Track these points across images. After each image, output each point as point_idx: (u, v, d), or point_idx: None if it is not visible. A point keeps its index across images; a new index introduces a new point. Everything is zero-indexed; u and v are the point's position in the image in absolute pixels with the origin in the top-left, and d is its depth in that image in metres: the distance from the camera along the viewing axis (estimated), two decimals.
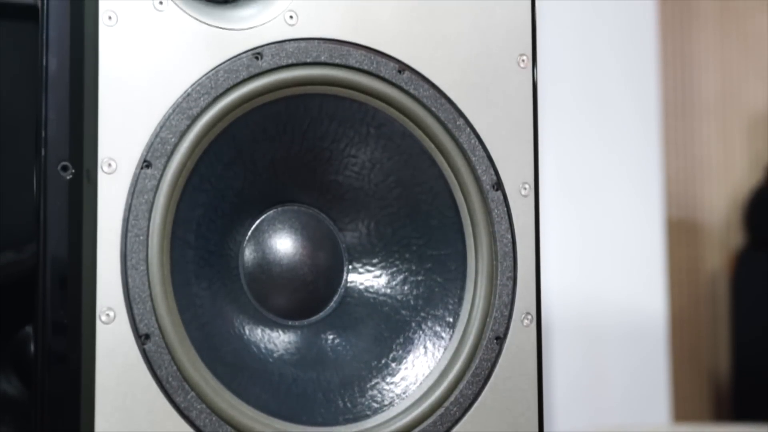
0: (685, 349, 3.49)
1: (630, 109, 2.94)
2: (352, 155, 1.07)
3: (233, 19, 0.99)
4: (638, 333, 2.91)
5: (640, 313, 2.92)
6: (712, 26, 3.71)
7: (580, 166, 2.83)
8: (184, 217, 0.97)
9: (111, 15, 0.93)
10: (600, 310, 2.83)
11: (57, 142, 0.90)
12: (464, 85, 1.08)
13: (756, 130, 3.77)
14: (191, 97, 0.95)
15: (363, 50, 1.03)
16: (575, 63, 2.83)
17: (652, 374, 2.95)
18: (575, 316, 2.79)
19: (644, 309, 2.93)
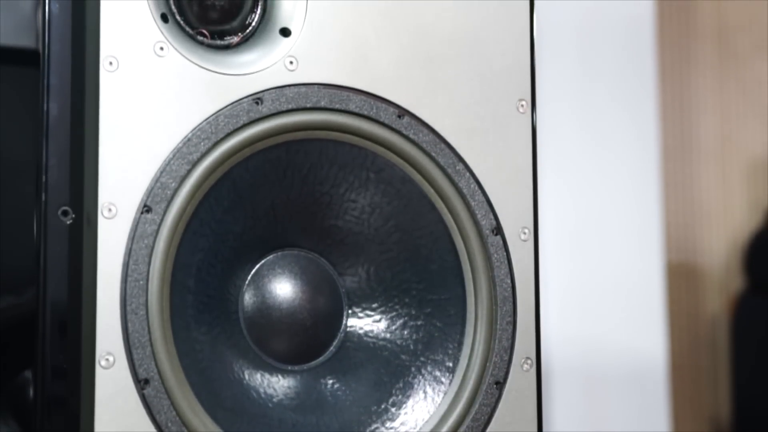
0: (686, 393, 3.48)
1: (629, 153, 2.94)
2: (352, 200, 1.07)
3: (234, 65, 0.99)
4: (638, 377, 2.90)
5: (640, 357, 2.91)
6: (710, 71, 3.72)
7: (580, 210, 2.83)
8: (184, 262, 0.97)
9: (112, 60, 0.93)
10: (600, 354, 2.82)
11: (57, 187, 0.91)
12: (464, 130, 1.08)
13: (755, 174, 3.78)
14: (191, 142, 0.95)
15: (363, 95, 1.04)
16: (575, 107, 2.84)
17: (653, 418, 2.94)
18: (575, 361, 2.78)
19: (644, 353, 2.92)
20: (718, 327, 3.61)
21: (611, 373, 2.85)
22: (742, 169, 3.78)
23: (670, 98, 3.56)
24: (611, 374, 2.85)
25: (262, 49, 1.01)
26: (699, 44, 3.70)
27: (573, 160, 2.81)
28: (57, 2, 0.92)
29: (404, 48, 1.06)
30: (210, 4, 1.00)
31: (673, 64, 3.59)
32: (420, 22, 1.07)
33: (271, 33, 1.02)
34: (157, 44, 0.95)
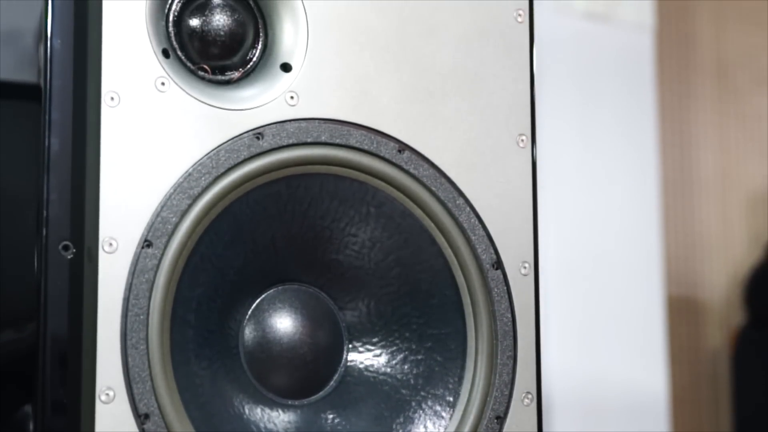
0: (687, 428, 3.47)
1: (630, 187, 2.94)
2: (353, 234, 1.07)
3: (235, 100, 0.99)
4: (639, 411, 2.89)
5: (641, 391, 2.90)
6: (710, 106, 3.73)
7: (580, 245, 2.83)
8: (184, 297, 0.97)
9: (113, 96, 0.93)
10: (601, 389, 2.81)
11: (58, 222, 0.91)
12: (464, 165, 1.08)
13: (755, 208, 3.78)
14: (192, 176, 0.96)
15: (363, 130, 1.04)
16: (575, 142, 2.84)
17: None
18: (576, 395, 2.77)
19: (645, 387, 2.91)
20: (718, 360, 3.60)
21: (612, 407, 2.84)
22: (742, 203, 3.79)
23: (670, 132, 3.57)
24: (612, 408, 2.84)
25: (263, 84, 1.02)
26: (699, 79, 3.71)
27: (573, 194, 2.82)
28: (59, 38, 0.92)
29: (404, 83, 1.07)
30: (211, 39, 1.01)
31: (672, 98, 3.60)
32: (420, 57, 1.07)
33: (272, 68, 1.03)
34: (158, 79, 0.95)
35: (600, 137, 2.89)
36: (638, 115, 2.98)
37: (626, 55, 2.96)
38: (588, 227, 2.84)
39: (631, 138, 2.96)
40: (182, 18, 1.00)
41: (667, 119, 3.54)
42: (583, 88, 2.86)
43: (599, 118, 2.89)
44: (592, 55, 2.87)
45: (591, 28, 2.87)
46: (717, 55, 3.79)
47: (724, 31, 3.82)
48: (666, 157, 3.49)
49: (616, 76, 2.94)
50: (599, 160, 2.88)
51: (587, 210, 2.85)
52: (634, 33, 2.99)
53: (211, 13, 1.01)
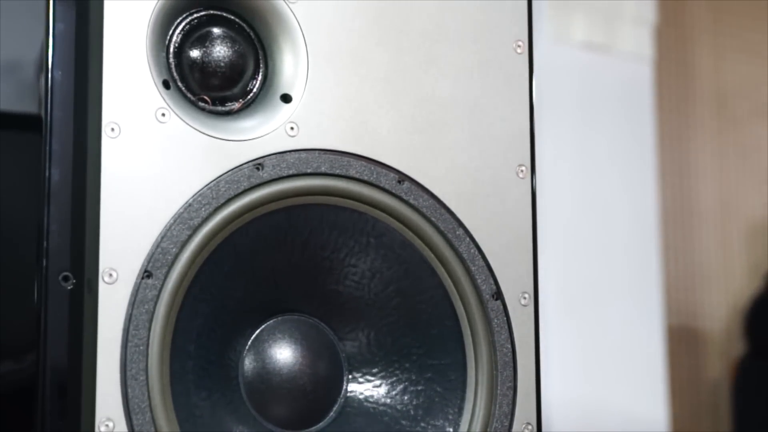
0: None
1: (629, 218, 2.95)
2: (353, 265, 1.07)
3: (235, 131, 0.99)
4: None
5: (641, 421, 2.89)
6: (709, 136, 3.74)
7: (580, 275, 2.82)
8: (184, 327, 0.97)
9: (114, 127, 0.94)
10: (601, 419, 2.81)
11: (58, 253, 0.91)
12: (464, 196, 1.09)
13: (755, 237, 3.78)
14: (192, 207, 0.96)
15: (363, 161, 1.04)
16: (575, 171, 2.85)
17: None
18: (576, 426, 2.76)
19: (645, 418, 2.90)
20: (719, 391, 3.59)
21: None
22: (742, 233, 3.79)
23: (670, 162, 3.58)
24: None
25: (263, 115, 1.02)
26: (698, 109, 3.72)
27: (573, 224, 2.82)
28: (60, 69, 0.93)
29: (404, 114, 1.07)
30: (212, 70, 1.01)
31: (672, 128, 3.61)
32: (420, 88, 1.08)
33: (272, 99, 1.03)
34: (158, 110, 0.96)
35: (600, 167, 2.89)
36: (638, 144, 2.99)
37: (626, 86, 2.97)
38: (588, 257, 2.84)
39: (631, 168, 2.97)
40: (183, 49, 1.01)
41: (667, 149, 3.54)
42: (583, 118, 2.87)
43: (599, 148, 2.89)
44: (591, 85, 2.88)
45: (590, 59, 2.88)
46: (716, 86, 3.80)
47: (723, 61, 3.83)
48: (665, 186, 3.49)
49: (615, 106, 2.95)
50: (599, 190, 2.89)
51: (587, 240, 2.85)
52: (634, 63, 3.00)
53: (211, 45, 1.01)
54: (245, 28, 1.04)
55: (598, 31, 2.92)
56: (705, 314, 3.65)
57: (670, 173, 3.58)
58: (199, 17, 1.02)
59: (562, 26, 2.84)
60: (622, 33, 2.99)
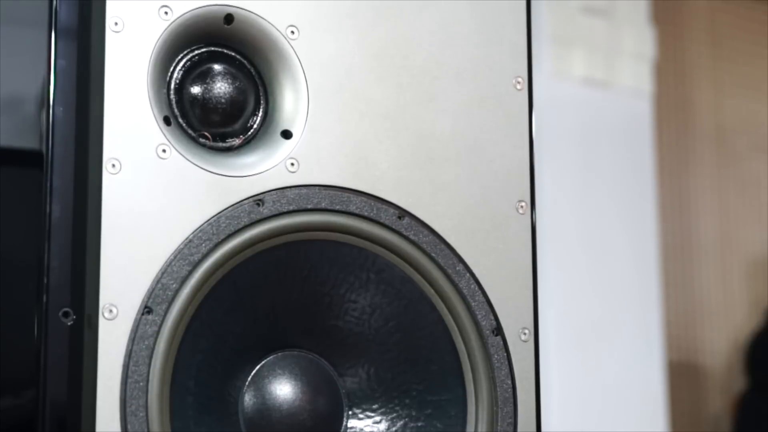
0: None
1: (629, 253, 2.95)
2: (353, 300, 1.07)
3: (235, 167, 1.00)
4: None
5: None
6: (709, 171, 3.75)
7: (580, 310, 2.82)
8: (184, 363, 0.97)
9: (115, 163, 0.94)
10: None
11: (58, 289, 0.91)
12: (463, 231, 1.09)
13: (755, 273, 3.78)
14: (193, 243, 0.96)
15: (363, 197, 1.04)
16: (575, 207, 2.85)
17: None
18: None
19: None
20: (720, 426, 3.59)
21: None
22: (742, 268, 3.79)
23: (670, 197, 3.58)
24: None
25: (264, 151, 1.02)
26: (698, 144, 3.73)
27: (573, 259, 2.82)
28: (61, 105, 0.93)
29: (404, 150, 1.07)
30: (212, 107, 1.01)
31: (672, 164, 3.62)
32: (420, 124, 1.08)
33: (273, 135, 1.03)
34: (159, 146, 0.96)
35: (599, 202, 2.90)
36: (637, 180, 2.99)
37: (625, 121, 2.98)
38: (588, 292, 2.84)
39: (631, 203, 2.97)
40: (184, 85, 1.01)
41: (666, 184, 3.55)
42: (583, 153, 2.87)
43: (599, 184, 2.90)
44: (591, 121, 2.89)
45: (590, 95, 2.89)
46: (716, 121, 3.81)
47: (722, 96, 3.84)
48: (665, 222, 3.49)
49: (615, 141, 2.96)
50: (599, 226, 2.89)
51: (587, 275, 2.85)
52: (633, 99, 3.01)
53: (212, 81, 1.02)
54: (246, 65, 1.04)
55: (598, 67, 2.93)
56: (705, 349, 3.65)
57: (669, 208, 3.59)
58: (200, 54, 1.03)
59: (562, 62, 2.85)
60: (621, 69, 3.00)
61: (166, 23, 0.98)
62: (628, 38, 3.04)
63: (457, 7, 1.11)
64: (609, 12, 3.00)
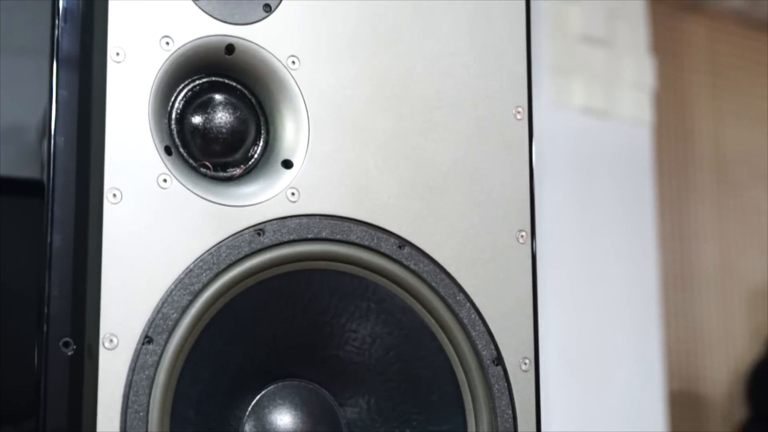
0: None
1: (630, 282, 2.95)
2: (353, 330, 1.07)
3: (236, 196, 1.00)
4: None
5: None
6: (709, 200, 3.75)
7: (581, 339, 2.82)
8: (184, 393, 0.96)
9: (116, 192, 0.94)
10: None
11: (59, 319, 0.91)
12: (464, 261, 1.09)
13: (755, 302, 3.78)
14: (193, 273, 0.96)
15: (364, 226, 1.04)
16: (575, 236, 2.85)
17: None
18: None
19: None
20: None
21: None
22: (743, 297, 3.79)
23: (670, 226, 3.58)
24: None
25: (265, 180, 1.02)
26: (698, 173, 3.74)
27: (573, 288, 2.82)
28: (62, 135, 0.93)
29: (404, 179, 1.07)
30: (213, 137, 1.01)
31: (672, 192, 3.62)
32: (420, 154, 1.08)
33: (274, 165, 1.03)
34: (160, 176, 0.96)
35: (599, 231, 2.90)
36: (637, 209, 3.00)
37: (625, 150, 2.98)
38: (588, 322, 2.84)
39: (631, 232, 2.97)
40: (185, 115, 1.01)
41: (667, 213, 3.55)
42: (583, 182, 2.87)
43: (599, 213, 2.90)
44: (591, 150, 2.89)
45: (590, 124, 2.89)
46: (716, 150, 3.82)
47: (722, 126, 3.85)
48: (666, 250, 3.49)
49: (615, 170, 2.96)
50: (599, 254, 2.89)
51: (587, 304, 2.85)
52: (633, 128, 3.01)
53: (213, 111, 1.02)
54: (247, 95, 1.04)
55: (598, 97, 2.94)
56: (706, 378, 3.64)
57: (670, 237, 3.59)
58: (201, 84, 1.03)
59: (562, 92, 2.85)
60: (621, 98, 3.01)
61: (167, 53, 0.98)
62: (628, 68, 3.04)
63: (457, 37, 1.12)
64: (609, 42, 3.01)
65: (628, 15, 3.07)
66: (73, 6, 0.95)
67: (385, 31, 1.08)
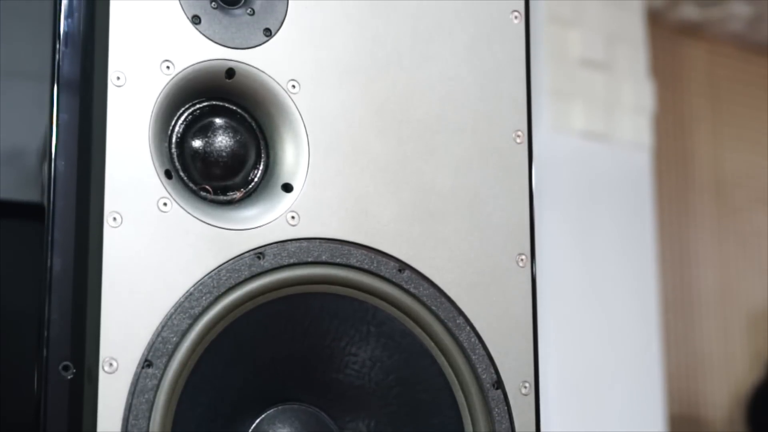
0: None
1: (630, 306, 2.94)
2: (353, 353, 1.07)
3: (236, 220, 1.00)
4: None
5: None
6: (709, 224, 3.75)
7: (581, 363, 2.82)
8: (183, 417, 0.96)
9: (116, 216, 0.94)
10: None
11: (59, 342, 0.91)
12: (464, 284, 1.09)
13: (756, 325, 3.78)
14: (193, 296, 0.96)
15: (364, 250, 1.05)
16: (575, 260, 2.85)
17: None
18: None
19: None
20: None
21: None
22: (743, 321, 3.78)
23: (670, 250, 3.58)
24: None
25: (265, 204, 1.02)
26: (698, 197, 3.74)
27: (573, 312, 2.81)
28: (63, 159, 0.93)
29: (404, 203, 1.07)
30: (213, 160, 1.02)
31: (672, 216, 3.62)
32: (420, 178, 1.08)
33: (274, 188, 1.03)
34: (160, 200, 0.96)
35: (599, 255, 2.90)
36: (637, 232, 3.00)
37: (625, 174, 2.99)
38: (588, 346, 2.84)
39: (631, 255, 2.97)
40: (185, 139, 1.01)
41: (667, 237, 3.55)
42: (583, 206, 2.88)
43: (599, 236, 2.90)
44: (591, 173, 2.90)
45: (590, 147, 2.90)
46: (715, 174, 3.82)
47: (722, 149, 3.86)
48: (666, 274, 3.49)
49: (615, 194, 2.96)
50: (599, 278, 2.89)
51: (587, 328, 2.85)
52: (633, 151, 3.02)
53: (213, 135, 1.02)
54: (247, 119, 1.05)
55: (598, 120, 2.94)
56: (706, 402, 3.63)
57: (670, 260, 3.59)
58: (201, 108, 1.03)
59: (562, 115, 2.86)
60: (621, 122, 3.01)
61: (168, 77, 0.99)
62: (628, 92, 3.05)
63: (456, 61, 1.12)
64: (608, 66, 3.02)
65: (628, 39, 3.08)
66: (74, 30, 0.96)
67: (385, 56, 1.08)
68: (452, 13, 1.13)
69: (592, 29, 2.98)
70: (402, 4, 1.10)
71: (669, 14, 3.90)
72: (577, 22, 2.95)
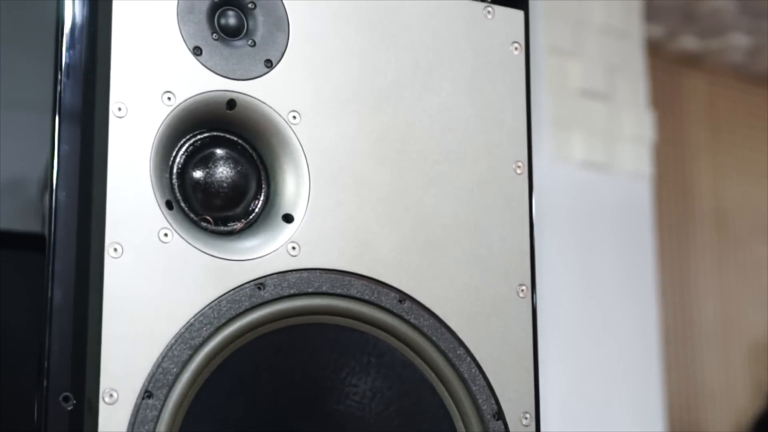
0: None
1: (631, 336, 2.94)
2: (353, 384, 1.07)
3: (237, 251, 1.00)
4: None
5: None
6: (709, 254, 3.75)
7: (582, 394, 2.81)
8: None
9: (117, 247, 0.94)
10: None
11: (59, 373, 0.91)
12: (464, 315, 1.09)
13: (756, 356, 3.77)
14: (193, 327, 0.96)
15: (364, 280, 1.05)
16: (576, 290, 2.85)
17: None
18: None
19: None
20: None
21: None
22: (743, 351, 3.78)
23: (670, 280, 3.58)
24: None
25: (265, 234, 1.02)
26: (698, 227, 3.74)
27: (574, 343, 2.81)
28: (64, 190, 0.93)
29: (405, 233, 1.07)
30: (214, 191, 1.02)
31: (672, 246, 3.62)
32: (420, 208, 1.09)
33: (274, 219, 1.04)
34: (161, 230, 0.96)
35: (600, 285, 2.90)
36: (638, 263, 3.00)
37: (625, 204, 2.99)
38: (589, 376, 2.83)
39: (632, 286, 2.97)
40: (186, 170, 1.02)
41: (667, 267, 3.55)
42: (583, 236, 2.88)
43: (599, 267, 2.90)
44: (591, 204, 2.90)
45: (590, 178, 2.90)
46: (716, 204, 3.83)
47: (722, 179, 3.86)
48: (666, 304, 3.49)
49: (615, 224, 2.96)
50: (600, 309, 2.89)
51: (588, 359, 2.84)
52: (633, 182, 3.02)
53: (214, 166, 1.02)
54: (248, 149, 1.05)
55: (598, 150, 2.95)
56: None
57: (670, 291, 3.58)
58: (202, 138, 1.03)
59: (562, 146, 2.86)
60: (621, 152, 3.02)
61: (169, 108, 0.99)
62: (628, 122, 3.06)
63: (457, 92, 1.12)
64: (608, 96, 3.02)
65: (628, 69, 3.09)
66: (76, 61, 0.96)
67: (385, 87, 1.09)
68: (452, 44, 1.13)
69: (592, 60, 2.99)
70: (402, 35, 1.10)
71: (669, 45, 3.92)
72: (577, 52, 2.96)
